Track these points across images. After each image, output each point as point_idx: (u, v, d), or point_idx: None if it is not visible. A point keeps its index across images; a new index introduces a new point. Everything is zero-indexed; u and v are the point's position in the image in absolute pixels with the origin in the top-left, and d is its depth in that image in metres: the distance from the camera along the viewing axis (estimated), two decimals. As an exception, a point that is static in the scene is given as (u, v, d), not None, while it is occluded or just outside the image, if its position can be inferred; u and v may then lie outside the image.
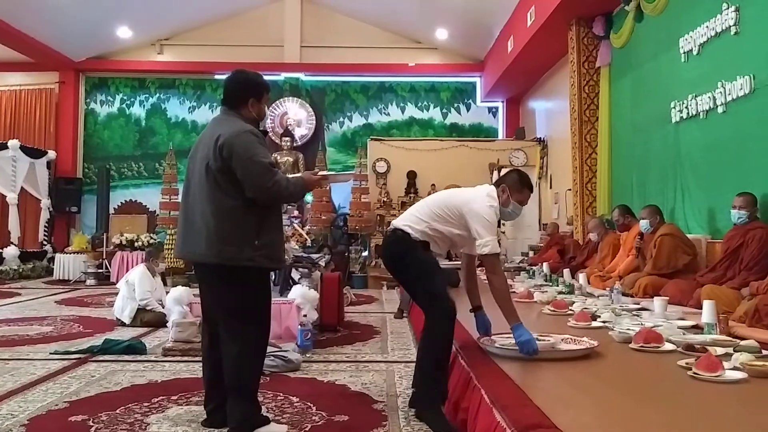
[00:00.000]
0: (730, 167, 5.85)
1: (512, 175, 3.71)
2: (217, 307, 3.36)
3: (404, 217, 3.73)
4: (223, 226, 3.22)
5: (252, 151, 3.21)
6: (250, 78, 3.47)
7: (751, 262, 4.99)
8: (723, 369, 3.00)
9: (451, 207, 3.58)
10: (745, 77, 5.59)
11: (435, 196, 3.81)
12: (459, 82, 14.81)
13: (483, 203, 3.52)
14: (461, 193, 3.70)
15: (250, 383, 3.30)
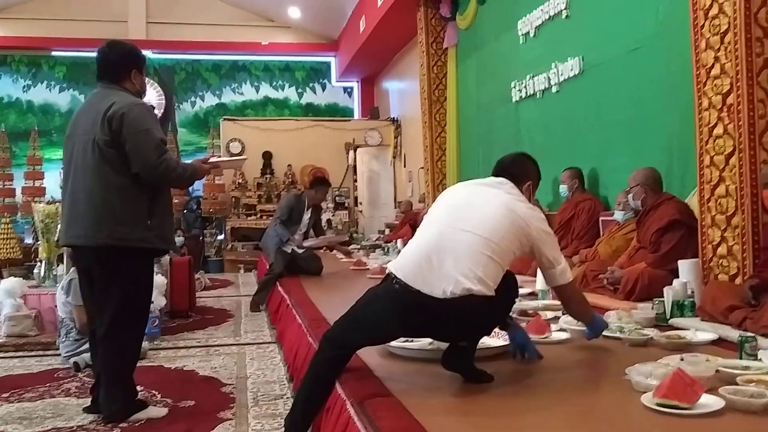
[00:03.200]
0: (564, 143, 6.24)
1: (534, 168, 2.79)
2: (101, 293, 3.17)
3: (461, 266, 2.38)
4: (112, 204, 3.06)
5: (145, 125, 3.08)
6: (128, 49, 3.33)
7: (581, 231, 5.37)
8: (550, 331, 3.21)
9: (518, 232, 2.48)
10: (576, 59, 5.96)
11: (480, 218, 2.48)
12: (314, 62, 14.74)
13: (538, 215, 2.59)
14: (506, 201, 2.53)
15: (128, 370, 3.22)
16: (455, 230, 2.46)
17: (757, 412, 2.05)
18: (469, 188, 2.71)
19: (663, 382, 2.15)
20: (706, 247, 3.91)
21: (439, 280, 2.36)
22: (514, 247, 2.48)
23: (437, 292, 2.36)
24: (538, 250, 2.54)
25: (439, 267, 2.38)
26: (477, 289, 2.34)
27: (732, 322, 3.13)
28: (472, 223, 2.45)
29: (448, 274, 2.36)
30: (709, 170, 3.89)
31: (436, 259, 2.40)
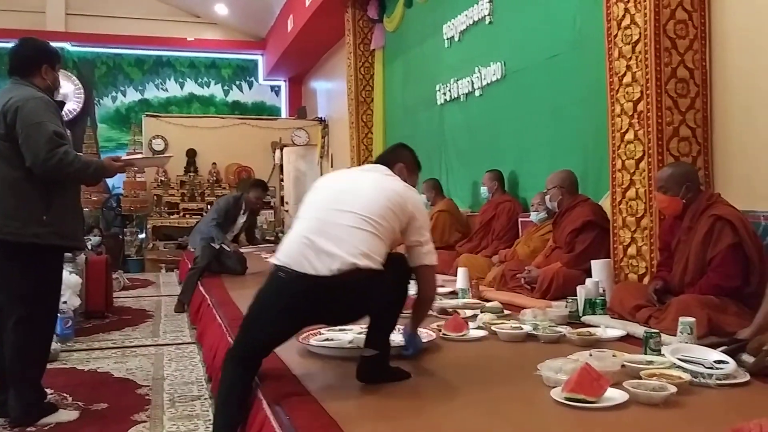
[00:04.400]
0: (486, 146, 6.37)
1: (405, 152, 2.82)
2: (2, 291, 3.06)
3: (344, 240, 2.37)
4: (5, 198, 2.99)
5: (38, 118, 2.99)
6: (39, 45, 3.30)
7: (501, 232, 5.50)
8: (468, 329, 3.28)
9: (396, 208, 2.48)
10: (498, 64, 6.10)
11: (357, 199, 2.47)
12: (241, 60, 14.52)
13: (414, 193, 2.62)
14: (382, 181, 2.57)
15: (35, 372, 3.11)
16: (334, 212, 2.45)
17: (658, 405, 2.15)
18: (343, 174, 2.74)
19: (571, 377, 2.23)
20: (617, 247, 4.07)
21: (323, 260, 2.33)
22: (395, 224, 2.47)
23: (324, 271, 2.32)
24: (411, 226, 2.52)
25: (323, 248, 2.35)
26: (363, 263, 2.33)
27: (639, 320, 3.26)
28: (350, 204, 2.45)
29: (331, 252, 2.34)
30: (621, 174, 4.06)
31: (318, 241, 2.37)
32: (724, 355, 2.49)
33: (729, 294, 3.08)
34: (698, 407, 2.17)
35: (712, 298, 3.08)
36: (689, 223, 3.32)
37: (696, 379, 2.38)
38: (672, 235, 3.45)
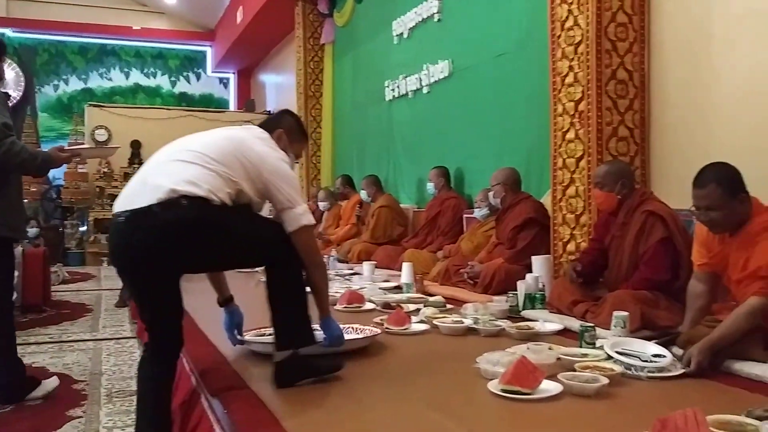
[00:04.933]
0: (433, 142, 6.43)
1: (287, 118, 2.64)
2: None
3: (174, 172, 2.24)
4: None
5: None
6: None
7: (446, 228, 5.56)
8: (410, 323, 3.30)
9: (244, 161, 2.32)
10: (446, 61, 6.16)
11: (198, 140, 2.38)
12: (189, 50, 14.31)
13: (278, 154, 2.42)
14: (241, 137, 2.40)
15: None
16: (173, 154, 2.33)
17: (590, 396, 2.21)
18: (205, 132, 2.52)
19: (508, 370, 2.28)
20: (557, 243, 4.16)
21: (146, 193, 2.17)
22: (240, 175, 2.28)
23: (144, 204, 2.15)
24: (273, 186, 2.32)
25: (152, 182, 2.21)
26: (184, 188, 2.15)
27: (576, 315, 3.35)
28: (188, 145, 2.34)
29: (158, 184, 2.18)
30: (562, 172, 4.14)
31: (149, 178, 2.25)
32: (663, 348, 2.56)
33: (660, 288, 3.18)
34: (629, 398, 2.24)
35: (645, 294, 3.17)
36: (623, 219, 3.42)
37: (629, 371, 2.45)
38: (606, 229, 3.55)
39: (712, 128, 3.67)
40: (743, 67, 3.51)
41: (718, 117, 3.64)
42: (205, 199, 2.18)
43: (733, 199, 2.60)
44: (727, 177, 2.63)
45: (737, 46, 3.55)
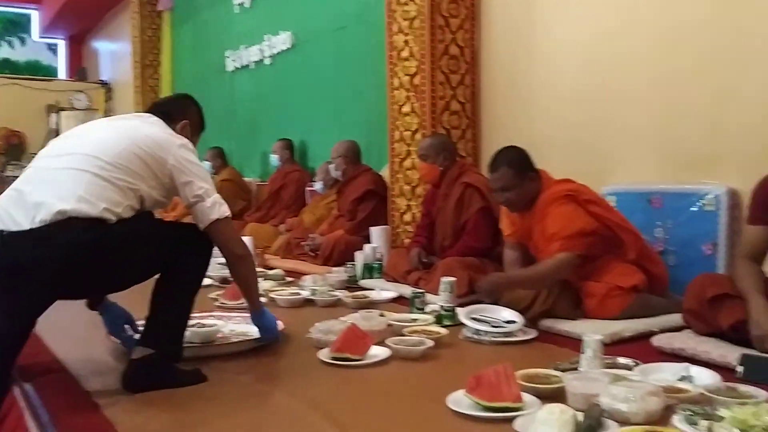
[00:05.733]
0: (276, 115, 6.35)
1: (193, 108, 2.40)
2: None
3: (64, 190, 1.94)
4: None
5: None
6: None
7: (289, 201, 5.54)
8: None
9: (145, 155, 2.05)
10: (287, 33, 6.08)
11: (89, 137, 2.11)
12: (11, 13, 13.08)
13: (180, 142, 2.15)
14: (136, 127, 2.14)
15: None
16: (51, 158, 2.05)
17: (416, 359, 2.30)
18: (90, 123, 2.26)
19: (338, 338, 2.32)
20: (394, 214, 4.27)
21: (28, 210, 1.89)
22: (144, 173, 2.03)
23: (26, 224, 1.86)
24: (180, 182, 2.08)
25: (30, 196, 1.91)
26: (73, 208, 1.87)
27: (410, 283, 3.46)
28: (73, 146, 2.04)
29: (38, 201, 1.89)
30: (399, 145, 4.25)
31: (28, 190, 1.95)
32: (516, 314, 2.67)
33: (484, 254, 3.37)
34: (452, 359, 2.36)
35: (473, 260, 3.34)
36: (445, 190, 3.58)
37: (475, 336, 2.55)
38: (433, 202, 3.70)
39: (535, 102, 3.90)
40: (563, 44, 3.74)
41: (540, 92, 3.86)
42: (100, 220, 1.91)
43: (524, 178, 2.85)
44: (516, 159, 2.89)
45: (558, 25, 3.77)
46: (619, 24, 3.43)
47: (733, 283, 2.32)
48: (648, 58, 3.29)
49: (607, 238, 2.80)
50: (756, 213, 2.39)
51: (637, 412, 1.65)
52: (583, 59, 3.62)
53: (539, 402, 1.76)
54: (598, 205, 2.82)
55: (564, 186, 2.86)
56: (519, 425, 1.65)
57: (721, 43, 2.98)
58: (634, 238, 2.83)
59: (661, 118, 3.24)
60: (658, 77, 3.25)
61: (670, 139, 3.21)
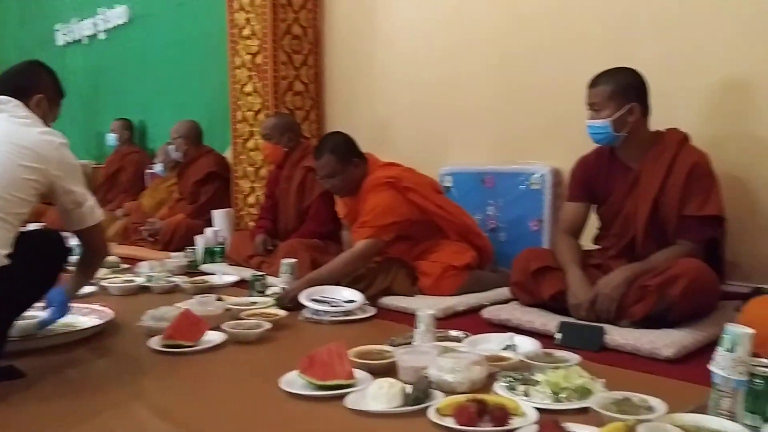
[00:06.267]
0: (113, 94, 6.00)
1: (45, 77, 2.16)
2: None
3: None
4: None
5: None
6: None
7: (127, 184, 5.27)
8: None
9: (32, 171, 1.88)
10: (123, 6, 5.75)
11: None
12: None
13: (57, 142, 1.96)
14: (9, 132, 1.92)
15: None
16: None
17: (253, 342, 2.26)
18: None
19: (170, 324, 2.23)
20: (238, 197, 4.18)
21: None
22: (30, 193, 1.89)
23: None
24: (62, 189, 1.95)
25: None
26: None
27: (252, 266, 3.40)
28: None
29: None
30: (241, 125, 4.15)
31: None
32: (357, 293, 2.69)
33: (327, 237, 3.37)
34: (290, 340, 2.34)
35: (316, 241, 3.34)
36: (288, 172, 3.56)
37: (315, 317, 2.55)
38: (276, 184, 3.66)
39: (377, 84, 3.94)
40: (404, 28, 3.80)
41: (382, 74, 3.92)
42: None
43: (348, 164, 2.90)
44: (340, 145, 2.93)
45: (399, 9, 3.83)
46: (457, 10, 3.54)
47: (554, 256, 2.48)
48: (483, 46, 3.43)
49: (426, 222, 2.91)
50: (574, 191, 2.57)
51: (462, 381, 1.72)
52: (423, 44, 3.71)
53: (372, 378, 1.78)
54: (416, 192, 2.90)
55: (386, 172, 2.92)
56: (350, 401, 1.67)
57: (550, 34, 3.15)
58: (451, 222, 2.94)
59: (495, 103, 3.39)
60: (492, 64, 3.39)
61: (502, 123, 3.37)
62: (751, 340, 1.47)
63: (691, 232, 2.30)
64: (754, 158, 2.56)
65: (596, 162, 2.51)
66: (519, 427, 1.46)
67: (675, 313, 2.13)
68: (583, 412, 1.56)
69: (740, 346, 1.46)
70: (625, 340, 2.07)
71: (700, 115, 2.63)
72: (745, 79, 2.57)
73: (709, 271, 2.18)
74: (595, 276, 2.34)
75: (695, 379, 1.74)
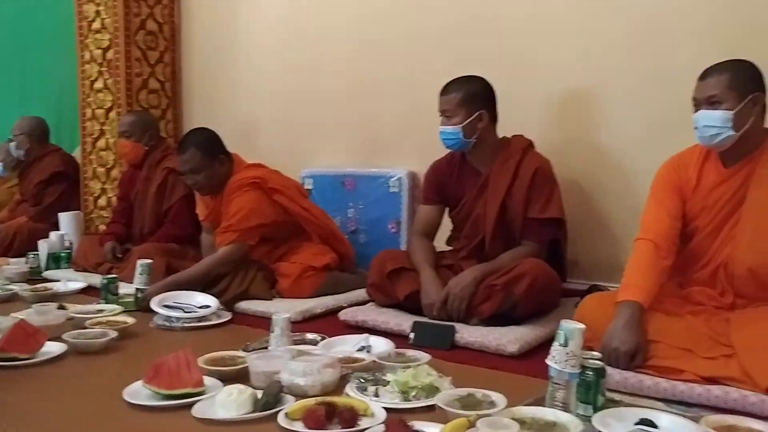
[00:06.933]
0: None
1: None
2: None
3: None
4: None
5: None
6: None
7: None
8: None
9: None
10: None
11: None
12: None
13: None
14: None
15: None
16: None
17: (96, 352, 2.14)
18: None
19: (3, 336, 2.07)
20: (87, 199, 3.96)
21: None
22: None
23: None
24: None
25: None
26: None
27: (101, 273, 3.22)
28: None
29: None
30: (91, 123, 3.94)
31: None
32: (211, 298, 2.61)
33: (187, 241, 3.26)
34: (139, 350, 2.23)
35: (172, 246, 3.22)
36: (147, 173, 3.41)
37: (167, 324, 2.45)
38: (132, 185, 3.49)
39: (240, 83, 3.86)
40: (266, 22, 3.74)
41: (246, 72, 3.84)
42: None
43: (214, 161, 2.84)
44: (205, 141, 2.87)
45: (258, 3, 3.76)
46: (320, 2, 3.52)
47: (409, 257, 2.53)
48: (344, 49, 3.43)
49: (290, 224, 2.90)
50: (427, 194, 2.65)
51: (313, 384, 1.72)
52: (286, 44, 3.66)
53: (222, 385, 1.74)
54: (282, 193, 2.89)
55: (252, 172, 2.88)
56: (198, 410, 1.62)
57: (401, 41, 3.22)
58: (316, 226, 2.96)
59: (355, 107, 3.42)
60: (353, 65, 3.41)
61: (363, 127, 3.40)
62: (583, 334, 1.57)
63: (534, 233, 2.43)
64: (593, 165, 2.73)
65: (448, 166, 2.60)
66: (367, 428, 1.48)
67: (520, 310, 2.24)
68: (431, 410, 1.60)
69: (572, 340, 1.55)
70: (474, 338, 2.16)
71: (543, 123, 2.78)
72: (586, 90, 2.74)
73: (550, 270, 2.32)
74: (448, 276, 2.42)
75: (537, 374, 1.83)
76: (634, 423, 1.50)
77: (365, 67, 3.36)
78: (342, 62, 3.44)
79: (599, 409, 1.54)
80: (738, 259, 1.90)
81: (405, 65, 3.21)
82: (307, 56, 3.58)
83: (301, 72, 3.60)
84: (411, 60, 3.19)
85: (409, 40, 3.20)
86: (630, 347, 1.78)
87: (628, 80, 2.61)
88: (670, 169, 2.06)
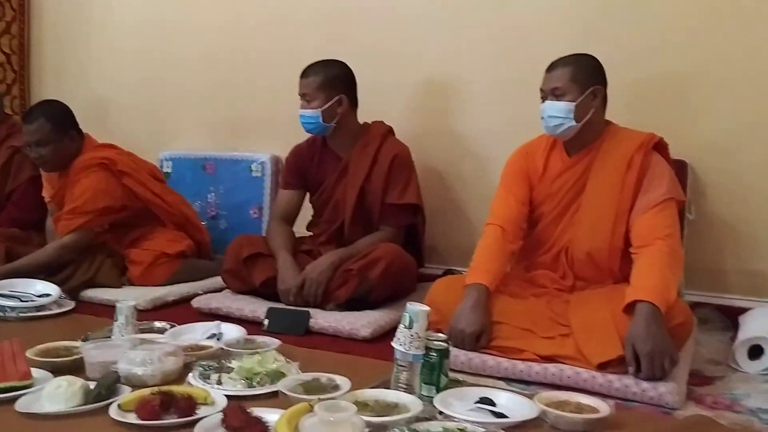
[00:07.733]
0: None
1: None
2: None
3: None
4: None
5: None
6: None
7: None
8: None
9: None
10: None
11: None
12: None
13: None
14: None
15: None
16: None
17: None
18: None
19: None
20: None
21: None
22: None
23: None
24: None
25: None
26: None
27: None
28: None
29: None
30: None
31: None
32: (53, 286, 2.44)
33: (31, 226, 3.04)
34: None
35: (16, 230, 2.99)
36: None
37: (2, 313, 2.28)
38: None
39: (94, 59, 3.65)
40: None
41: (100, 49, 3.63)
42: None
43: (64, 135, 2.66)
44: (57, 114, 2.69)
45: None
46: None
47: (267, 243, 2.48)
48: (206, 28, 3.31)
49: (141, 209, 2.76)
50: (287, 179, 2.60)
51: (153, 374, 1.64)
52: (143, 19, 3.49)
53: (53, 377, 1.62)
54: (132, 177, 2.73)
55: (100, 153, 2.71)
56: (22, 404, 1.50)
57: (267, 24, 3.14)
58: (169, 212, 2.83)
59: (218, 88, 3.31)
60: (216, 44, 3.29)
61: (225, 109, 3.30)
62: (428, 317, 1.58)
63: (392, 218, 2.45)
64: (451, 153, 2.79)
65: (309, 151, 2.57)
66: (205, 416, 1.42)
67: (375, 294, 2.25)
68: (275, 396, 1.57)
69: (417, 323, 1.56)
70: (328, 323, 2.15)
71: (404, 111, 2.81)
72: (446, 81, 2.79)
73: (405, 255, 2.34)
74: (306, 262, 2.39)
75: (388, 357, 1.83)
76: (474, 402, 1.53)
77: (229, 47, 3.26)
78: (204, 42, 3.32)
79: (442, 390, 1.57)
80: (578, 243, 2.00)
81: (270, 48, 3.14)
82: (167, 34, 3.42)
83: (161, 50, 3.44)
84: (276, 43, 3.12)
85: (275, 23, 3.13)
86: (475, 329, 1.83)
87: (488, 74, 2.69)
88: (519, 157, 2.14)
